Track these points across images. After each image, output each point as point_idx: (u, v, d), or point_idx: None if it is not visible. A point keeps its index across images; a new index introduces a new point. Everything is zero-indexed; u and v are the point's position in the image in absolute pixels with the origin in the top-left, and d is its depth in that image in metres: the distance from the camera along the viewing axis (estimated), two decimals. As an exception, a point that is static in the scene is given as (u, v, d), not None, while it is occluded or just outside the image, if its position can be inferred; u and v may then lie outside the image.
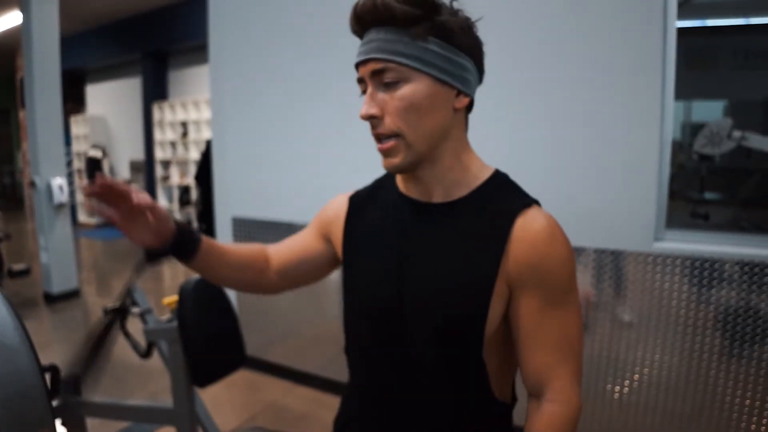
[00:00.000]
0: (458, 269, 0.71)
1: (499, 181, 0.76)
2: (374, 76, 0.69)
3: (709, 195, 2.45)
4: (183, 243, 0.79)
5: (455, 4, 0.71)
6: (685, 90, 2.90)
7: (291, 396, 2.66)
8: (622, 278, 1.93)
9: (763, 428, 1.73)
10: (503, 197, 0.74)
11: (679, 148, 2.89)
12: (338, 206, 0.88)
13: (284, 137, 2.64)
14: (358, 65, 0.72)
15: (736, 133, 1.87)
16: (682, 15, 1.78)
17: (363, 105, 0.69)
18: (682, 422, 1.86)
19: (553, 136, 1.97)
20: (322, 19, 2.40)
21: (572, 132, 1.94)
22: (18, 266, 4.18)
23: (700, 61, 2.87)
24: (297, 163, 2.60)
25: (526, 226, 0.70)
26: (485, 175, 0.76)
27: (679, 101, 3.02)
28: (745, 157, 2.33)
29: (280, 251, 0.93)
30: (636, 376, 1.93)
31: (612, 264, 1.93)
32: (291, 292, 0.96)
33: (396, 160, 0.71)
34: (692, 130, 2.90)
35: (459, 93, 0.71)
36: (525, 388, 0.75)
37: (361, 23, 0.70)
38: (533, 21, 1.97)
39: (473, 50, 0.72)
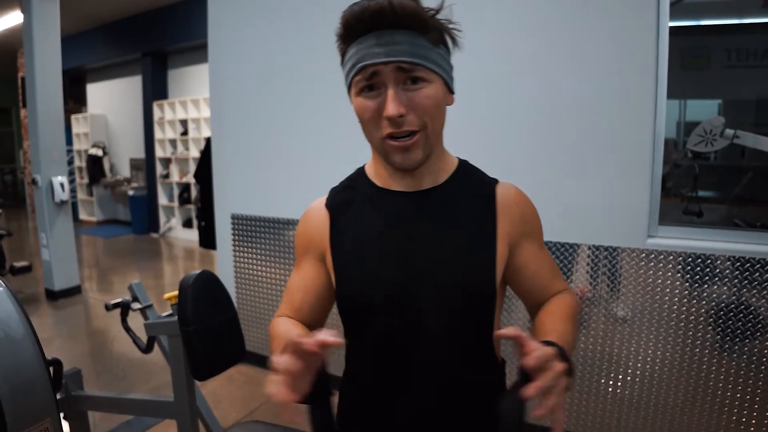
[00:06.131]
0: (462, 241, 0.79)
1: (467, 164, 0.88)
2: (399, 74, 0.69)
3: (703, 192, 2.48)
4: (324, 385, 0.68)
5: (443, 12, 0.72)
6: (679, 89, 2.93)
7: (290, 391, 2.68)
8: (616, 274, 1.95)
9: (753, 421, 1.76)
10: (476, 176, 0.86)
11: (673, 146, 2.92)
12: (319, 218, 0.86)
13: (283, 135, 2.66)
14: (373, 64, 0.69)
15: (729, 131, 1.89)
16: (674, 14, 1.80)
17: (388, 105, 0.69)
18: (675, 415, 1.89)
19: (547, 134, 1.99)
20: (322, 18, 2.42)
21: (566, 130, 1.96)
22: (20, 263, 4.22)
23: (694, 61, 2.89)
24: (295, 161, 2.62)
25: (506, 192, 0.83)
26: (456, 161, 0.87)
27: (673, 100, 3.05)
28: (739, 154, 2.36)
29: (301, 311, 0.87)
30: (630, 371, 1.96)
31: (606, 260, 1.96)
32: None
33: (417, 155, 0.74)
34: (686, 128, 2.93)
35: (450, 92, 0.78)
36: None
37: (375, 23, 0.68)
38: (527, 21, 1.99)
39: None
